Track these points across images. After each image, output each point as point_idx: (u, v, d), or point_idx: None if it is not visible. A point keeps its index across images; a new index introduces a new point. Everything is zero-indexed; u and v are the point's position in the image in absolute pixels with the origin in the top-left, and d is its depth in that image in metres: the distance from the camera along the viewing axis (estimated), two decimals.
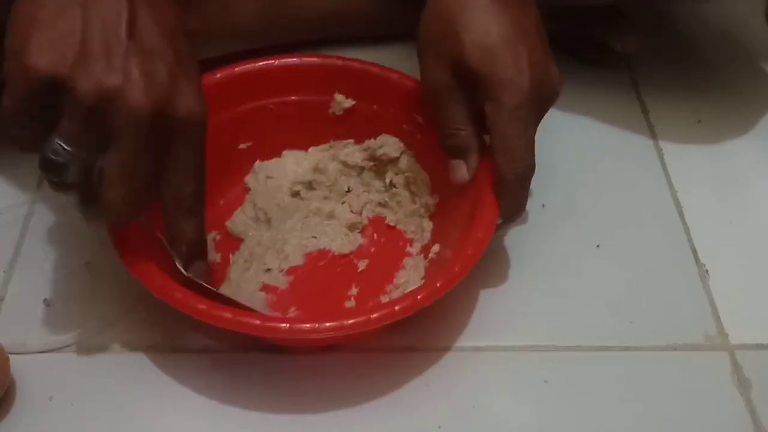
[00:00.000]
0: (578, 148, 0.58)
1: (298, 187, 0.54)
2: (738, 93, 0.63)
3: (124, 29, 0.38)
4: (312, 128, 0.54)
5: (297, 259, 0.51)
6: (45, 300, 0.49)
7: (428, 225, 0.52)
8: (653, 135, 0.60)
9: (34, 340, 0.47)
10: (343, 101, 0.53)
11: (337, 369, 0.46)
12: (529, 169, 0.45)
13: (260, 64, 0.53)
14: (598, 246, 0.52)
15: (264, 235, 0.52)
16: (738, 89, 0.64)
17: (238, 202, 0.54)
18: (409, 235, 0.52)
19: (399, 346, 0.47)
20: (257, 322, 0.41)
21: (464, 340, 0.47)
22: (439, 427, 0.44)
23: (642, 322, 0.48)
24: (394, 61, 0.54)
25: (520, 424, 0.44)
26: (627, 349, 0.47)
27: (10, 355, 0.44)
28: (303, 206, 0.54)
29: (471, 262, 0.43)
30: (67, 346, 0.47)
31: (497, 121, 0.44)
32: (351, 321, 0.40)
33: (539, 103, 0.45)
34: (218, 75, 0.52)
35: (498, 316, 0.48)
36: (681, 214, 0.54)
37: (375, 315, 0.40)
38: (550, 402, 0.45)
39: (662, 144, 0.59)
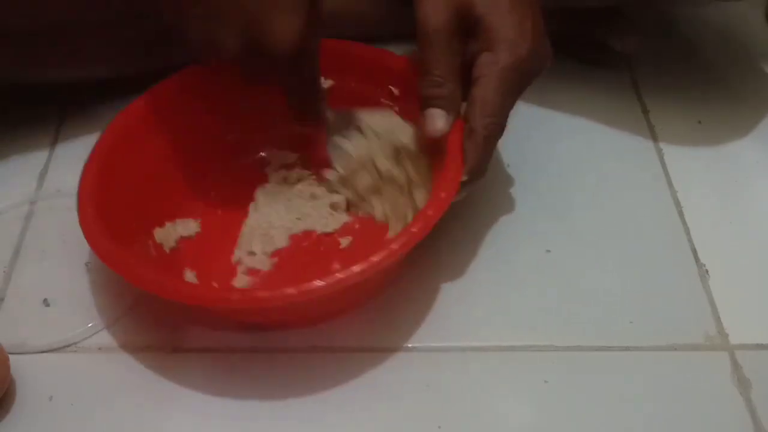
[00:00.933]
0: (578, 149, 0.58)
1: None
2: (738, 93, 0.63)
3: None
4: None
5: (282, 242, 0.51)
6: (45, 300, 0.49)
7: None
8: (653, 135, 0.60)
9: (34, 340, 0.47)
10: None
11: (336, 369, 0.46)
12: (500, 128, 0.46)
13: None
14: (597, 246, 0.52)
15: (250, 218, 0.52)
16: (738, 90, 0.64)
17: (228, 189, 0.54)
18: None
19: (399, 347, 0.47)
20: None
21: (464, 340, 0.47)
22: (439, 427, 0.44)
23: (642, 322, 0.48)
24: None
25: (520, 424, 0.44)
26: (627, 349, 0.47)
27: (10, 355, 0.44)
28: (286, 189, 0.54)
29: (430, 222, 0.43)
30: (67, 346, 0.47)
31: (487, 74, 0.44)
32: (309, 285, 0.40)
33: (529, 71, 0.46)
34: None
35: (498, 316, 0.48)
36: (681, 214, 0.54)
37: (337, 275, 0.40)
38: (550, 402, 0.45)
39: (662, 144, 0.59)
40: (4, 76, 0.54)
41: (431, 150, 0.48)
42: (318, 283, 0.40)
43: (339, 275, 0.41)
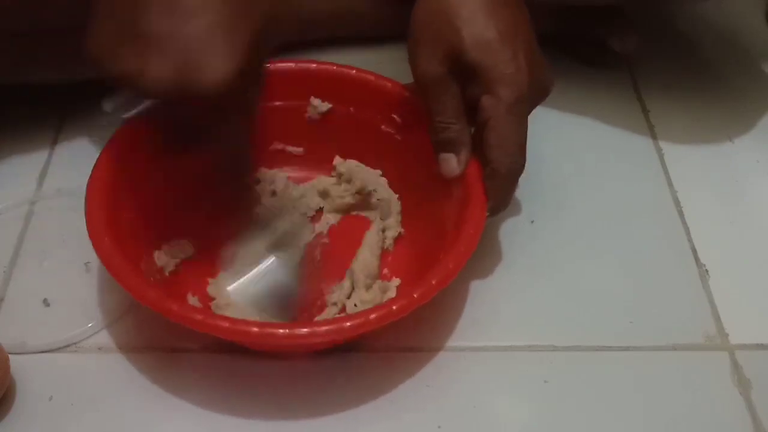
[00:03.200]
0: (578, 148, 0.58)
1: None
2: (738, 93, 0.63)
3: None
4: (289, 134, 0.54)
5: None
6: (45, 300, 0.49)
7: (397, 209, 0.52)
8: (653, 135, 0.60)
9: (34, 340, 0.47)
10: (319, 105, 0.53)
11: (336, 370, 0.46)
12: (521, 164, 0.46)
13: None
14: (597, 246, 0.52)
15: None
16: (738, 89, 0.64)
17: (225, 208, 0.53)
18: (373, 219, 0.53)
19: (399, 347, 0.47)
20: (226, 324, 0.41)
21: (464, 341, 0.47)
22: (439, 427, 0.44)
23: (642, 322, 0.48)
24: (393, 62, 0.53)
25: (520, 424, 0.44)
26: (627, 349, 0.47)
27: (10, 355, 0.44)
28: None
29: (463, 258, 0.43)
30: (67, 346, 0.47)
31: (494, 116, 0.44)
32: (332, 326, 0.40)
33: (533, 99, 0.46)
34: None
35: (498, 316, 0.48)
36: (681, 214, 0.54)
37: (372, 316, 0.40)
38: (550, 402, 0.45)
39: (662, 144, 0.59)
40: (4, 76, 0.54)
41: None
42: (349, 323, 0.40)
43: (355, 321, 0.40)
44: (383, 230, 0.52)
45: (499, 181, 0.45)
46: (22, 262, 0.51)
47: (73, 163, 0.57)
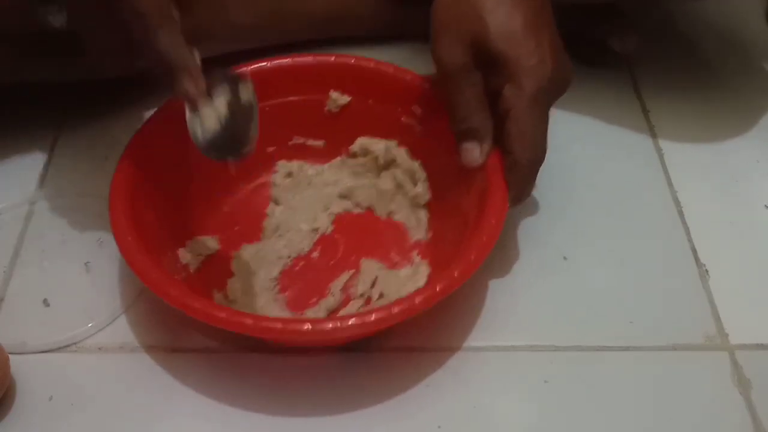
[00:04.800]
0: (578, 148, 0.58)
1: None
2: (738, 93, 0.63)
3: None
4: (309, 128, 0.54)
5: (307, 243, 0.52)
6: (45, 300, 0.49)
7: (424, 215, 0.52)
8: (653, 135, 0.60)
9: (34, 340, 0.47)
10: (338, 98, 0.53)
11: (336, 369, 0.46)
12: (542, 155, 0.46)
13: (252, 66, 0.52)
14: (597, 245, 0.52)
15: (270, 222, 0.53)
16: (738, 89, 0.64)
17: (243, 206, 0.54)
18: (406, 224, 0.53)
19: (399, 347, 0.47)
20: (250, 321, 0.41)
21: (464, 341, 0.47)
22: (439, 427, 0.44)
23: (642, 322, 0.48)
24: (395, 62, 0.53)
25: (520, 424, 0.44)
26: (627, 349, 0.47)
27: (10, 355, 0.44)
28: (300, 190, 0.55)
29: (486, 250, 0.43)
30: (67, 346, 0.47)
31: (516, 106, 0.44)
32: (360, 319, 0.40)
33: (555, 91, 0.46)
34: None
35: (498, 316, 0.48)
36: (681, 214, 0.54)
37: (395, 310, 0.40)
38: (550, 402, 0.45)
39: (662, 144, 0.59)
40: (4, 77, 0.54)
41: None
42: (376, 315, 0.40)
43: (381, 313, 0.40)
44: (414, 197, 0.52)
45: (520, 172, 0.45)
46: (22, 262, 0.51)
47: (73, 163, 0.57)
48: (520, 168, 0.45)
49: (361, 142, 0.54)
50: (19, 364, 0.45)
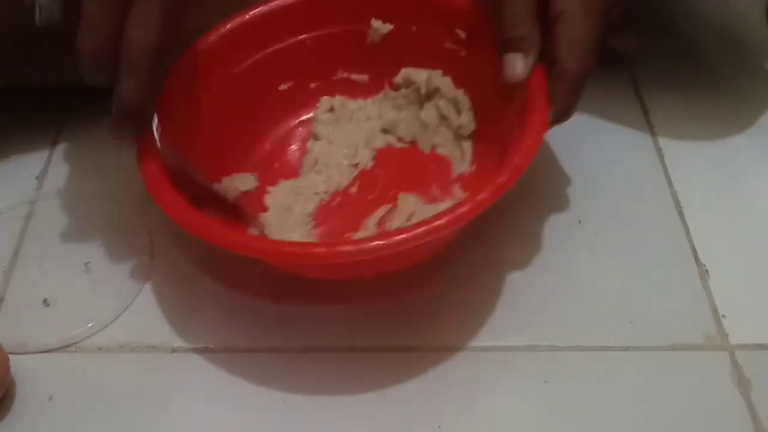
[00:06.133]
0: (577, 148, 0.58)
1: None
2: (738, 92, 0.63)
3: None
4: (352, 61, 0.53)
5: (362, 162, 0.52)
6: (45, 300, 0.49)
7: (468, 146, 0.51)
8: (653, 135, 0.60)
9: (34, 340, 0.47)
10: (380, 27, 0.52)
11: (335, 368, 0.46)
12: (593, 65, 0.43)
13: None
14: (597, 245, 0.52)
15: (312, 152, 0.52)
16: (738, 88, 0.64)
17: (285, 144, 0.53)
18: (450, 157, 0.52)
19: (399, 346, 0.47)
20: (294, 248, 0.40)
21: (464, 341, 0.47)
22: (439, 427, 0.44)
23: (642, 322, 0.48)
24: None
25: (520, 424, 0.44)
26: (627, 349, 0.47)
27: (10, 355, 0.44)
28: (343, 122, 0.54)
29: (518, 171, 0.41)
30: (67, 346, 0.47)
31: (568, 10, 0.42)
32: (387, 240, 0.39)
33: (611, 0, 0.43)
34: (247, 16, 0.51)
35: (498, 316, 0.48)
36: (681, 214, 0.54)
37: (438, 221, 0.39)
38: (550, 402, 0.45)
39: (662, 144, 0.59)
40: (4, 77, 0.54)
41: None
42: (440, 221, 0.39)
43: (441, 221, 0.39)
44: (458, 128, 0.51)
45: (567, 82, 0.42)
46: (22, 262, 0.51)
47: (73, 163, 0.57)
48: (566, 77, 0.42)
49: (404, 73, 0.52)
50: (19, 364, 0.45)
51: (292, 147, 0.53)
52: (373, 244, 0.39)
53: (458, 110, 0.51)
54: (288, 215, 0.49)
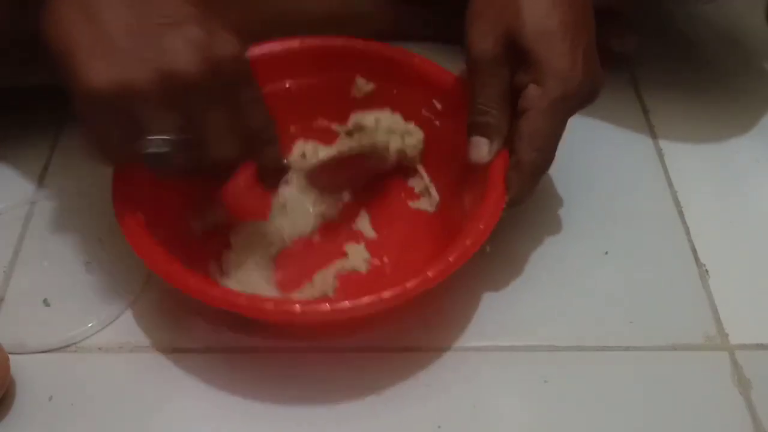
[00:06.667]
0: (578, 148, 0.58)
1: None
2: (738, 93, 0.63)
3: (140, 11, 0.39)
4: (333, 112, 0.54)
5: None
6: (45, 300, 0.49)
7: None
8: (653, 135, 0.60)
9: (34, 340, 0.47)
10: (363, 85, 0.53)
11: (336, 369, 0.46)
12: (548, 162, 0.45)
13: (281, 44, 0.52)
14: (597, 245, 0.52)
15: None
16: (738, 89, 0.64)
17: (254, 185, 0.53)
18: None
19: (399, 346, 0.47)
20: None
21: (464, 340, 0.47)
22: (439, 427, 0.44)
23: (642, 322, 0.48)
24: None
25: (520, 424, 0.44)
26: (627, 349, 0.47)
27: (10, 355, 0.44)
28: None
29: (469, 251, 0.43)
30: (67, 346, 0.47)
31: (536, 107, 0.43)
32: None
33: (581, 101, 0.45)
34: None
35: (498, 316, 0.48)
36: (681, 214, 0.54)
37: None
38: (550, 402, 0.45)
39: (662, 144, 0.59)
40: (4, 78, 0.54)
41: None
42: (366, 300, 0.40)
43: (369, 299, 0.40)
44: (403, 149, 0.52)
45: (522, 174, 0.44)
46: (22, 262, 0.51)
47: (72, 163, 0.57)
48: (523, 169, 0.44)
49: (354, 118, 0.53)
50: (19, 364, 0.45)
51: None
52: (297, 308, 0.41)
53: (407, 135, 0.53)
54: (250, 256, 0.49)
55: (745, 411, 0.44)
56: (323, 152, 0.55)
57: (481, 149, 0.45)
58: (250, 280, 0.48)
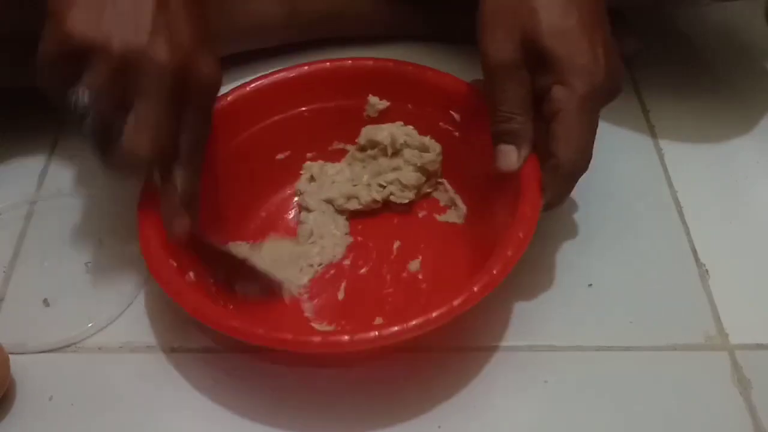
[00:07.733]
0: None
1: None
2: (738, 93, 0.63)
3: None
4: (347, 134, 0.54)
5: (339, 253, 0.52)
6: (45, 300, 0.49)
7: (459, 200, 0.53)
8: (653, 135, 0.60)
9: (34, 340, 0.47)
10: (377, 103, 0.53)
11: (335, 368, 0.46)
12: (587, 162, 0.44)
13: (289, 72, 0.52)
14: (597, 245, 0.52)
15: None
16: (738, 89, 0.64)
17: (279, 212, 0.53)
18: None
19: (398, 348, 0.47)
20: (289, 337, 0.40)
21: (464, 341, 0.47)
22: (439, 427, 0.44)
23: (642, 322, 0.48)
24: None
25: (520, 424, 0.44)
26: (627, 349, 0.47)
27: (10, 355, 0.44)
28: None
29: (511, 262, 0.42)
30: (67, 346, 0.47)
31: (566, 108, 0.42)
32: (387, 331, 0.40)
33: (607, 94, 0.44)
34: (248, 88, 0.52)
35: (498, 316, 0.48)
36: (681, 214, 0.54)
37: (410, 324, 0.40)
38: (550, 402, 0.45)
39: (662, 144, 0.59)
40: (4, 79, 0.54)
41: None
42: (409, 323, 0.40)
43: (417, 321, 0.40)
44: (423, 165, 0.52)
45: (560, 176, 0.44)
46: (22, 262, 0.51)
47: (72, 163, 0.57)
48: (561, 172, 0.43)
49: (365, 133, 0.53)
50: (19, 364, 0.45)
51: (287, 216, 0.53)
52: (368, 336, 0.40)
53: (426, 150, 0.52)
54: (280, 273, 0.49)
55: (745, 411, 0.44)
56: (332, 169, 0.54)
57: (510, 157, 0.45)
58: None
